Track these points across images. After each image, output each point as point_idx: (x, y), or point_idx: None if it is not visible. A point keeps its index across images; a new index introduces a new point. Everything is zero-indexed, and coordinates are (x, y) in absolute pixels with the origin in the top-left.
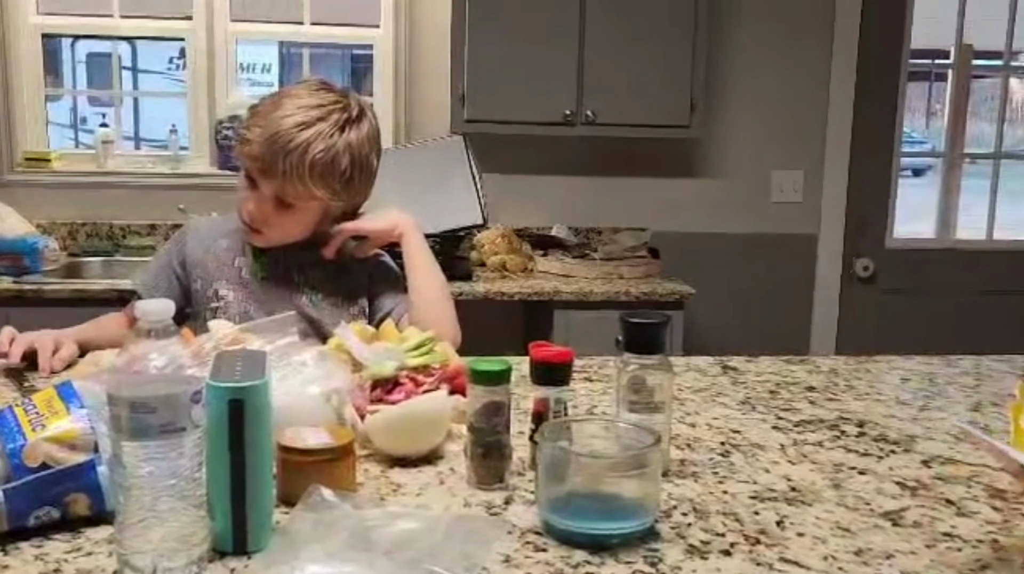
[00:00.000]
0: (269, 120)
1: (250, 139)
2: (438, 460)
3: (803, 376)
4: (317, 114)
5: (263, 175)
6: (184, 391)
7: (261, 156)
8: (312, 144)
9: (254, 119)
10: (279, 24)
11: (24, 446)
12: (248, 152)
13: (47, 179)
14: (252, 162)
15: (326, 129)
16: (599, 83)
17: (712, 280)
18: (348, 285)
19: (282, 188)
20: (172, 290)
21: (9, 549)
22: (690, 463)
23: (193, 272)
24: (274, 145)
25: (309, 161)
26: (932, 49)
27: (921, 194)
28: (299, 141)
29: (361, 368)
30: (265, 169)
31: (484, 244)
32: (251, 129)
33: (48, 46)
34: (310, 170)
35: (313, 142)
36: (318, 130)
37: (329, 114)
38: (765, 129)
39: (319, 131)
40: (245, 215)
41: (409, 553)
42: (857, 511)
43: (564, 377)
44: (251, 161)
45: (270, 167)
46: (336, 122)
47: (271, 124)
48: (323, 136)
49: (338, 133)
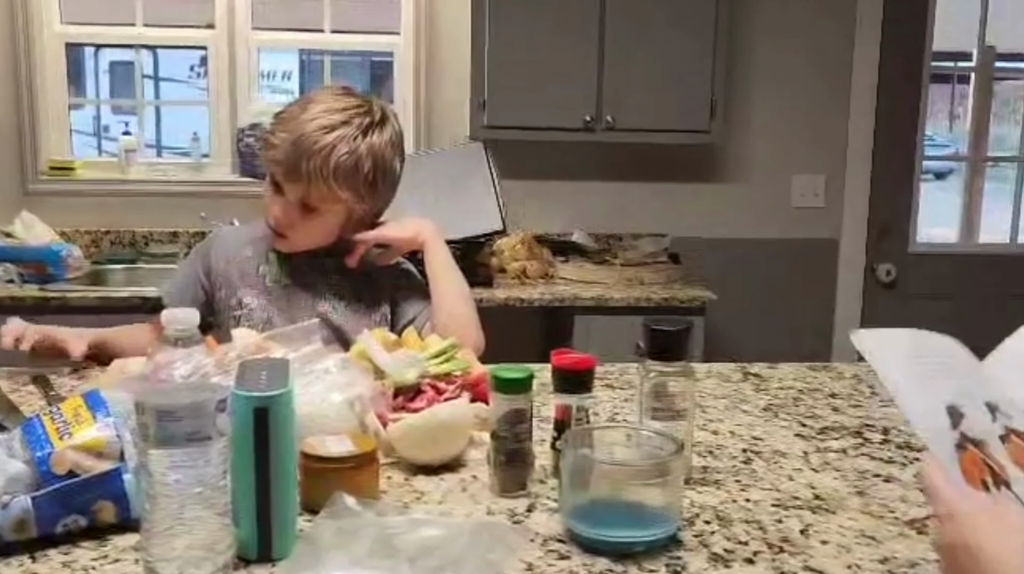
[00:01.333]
0: (293, 125)
1: (275, 144)
2: (460, 467)
3: (826, 383)
4: (341, 118)
5: (288, 179)
6: (210, 399)
7: (285, 160)
8: (336, 147)
9: (279, 124)
10: (300, 32)
11: (52, 454)
12: (272, 157)
13: (71, 187)
14: (277, 166)
15: (350, 132)
16: (619, 89)
17: (733, 286)
18: (371, 293)
19: (307, 191)
20: (198, 299)
21: (38, 556)
22: (712, 470)
23: (217, 281)
24: (298, 148)
25: (333, 164)
26: (954, 51)
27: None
28: (323, 144)
29: (383, 376)
30: (289, 173)
31: (504, 250)
32: (276, 134)
33: (71, 55)
34: (334, 173)
35: (337, 145)
36: (342, 133)
37: (352, 118)
38: (786, 133)
39: (343, 134)
40: (271, 219)
41: (433, 560)
42: (882, 519)
43: (586, 385)
44: (276, 165)
45: (294, 170)
46: (359, 126)
47: (295, 128)
48: (346, 139)
49: (361, 136)
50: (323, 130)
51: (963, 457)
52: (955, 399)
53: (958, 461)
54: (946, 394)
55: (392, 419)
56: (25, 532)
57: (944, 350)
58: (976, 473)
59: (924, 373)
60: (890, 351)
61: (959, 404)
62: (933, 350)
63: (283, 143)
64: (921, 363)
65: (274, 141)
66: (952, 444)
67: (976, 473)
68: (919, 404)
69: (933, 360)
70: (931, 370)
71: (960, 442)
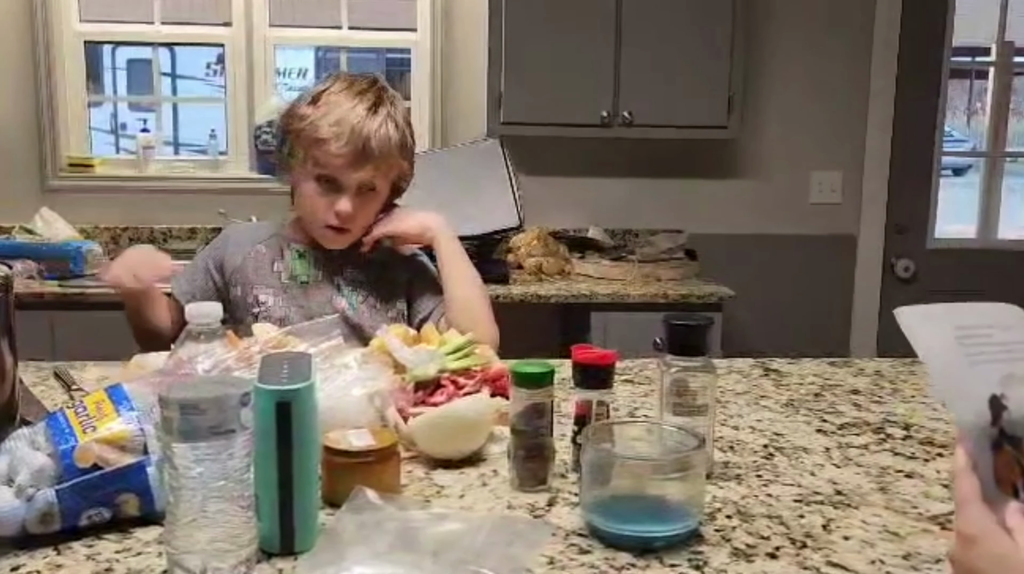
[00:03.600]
0: (332, 118)
1: (324, 138)
2: (481, 462)
3: (847, 378)
4: (372, 97)
5: (352, 167)
6: (233, 393)
7: (351, 149)
8: (385, 121)
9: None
10: (317, 29)
11: (76, 447)
12: (328, 152)
13: (90, 184)
14: (336, 159)
15: (385, 107)
16: (636, 84)
17: (751, 282)
18: (387, 287)
19: (372, 173)
20: (208, 295)
21: (62, 549)
22: (734, 466)
23: (232, 278)
24: (360, 133)
25: (391, 135)
26: (973, 47)
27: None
28: (376, 122)
29: (403, 370)
30: (356, 160)
31: (520, 247)
32: (318, 130)
33: (90, 53)
34: (396, 145)
35: (385, 120)
36: (385, 110)
37: (380, 97)
38: (803, 129)
39: (385, 111)
40: (333, 218)
41: (454, 554)
42: (905, 515)
43: (607, 380)
44: (335, 158)
45: (362, 154)
46: (389, 99)
47: (340, 120)
48: (388, 114)
49: (392, 106)
50: (369, 112)
51: (998, 458)
52: (1001, 387)
53: (992, 462)
54: (992, 381)
55: (412, 414)
56: (49, 525)
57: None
58: (1008, 476)
59: (972, 355)
60: (935, 330)
61: (1004, 394)
62: (988, 324)
63: (336, 136)
64: (970, 343)
65: (322, 135)
66: (989, 442)
67: (1008, 476)
68: (961, 393)
69: (985, 339)
70: (981, 351)
71: (997, 440)
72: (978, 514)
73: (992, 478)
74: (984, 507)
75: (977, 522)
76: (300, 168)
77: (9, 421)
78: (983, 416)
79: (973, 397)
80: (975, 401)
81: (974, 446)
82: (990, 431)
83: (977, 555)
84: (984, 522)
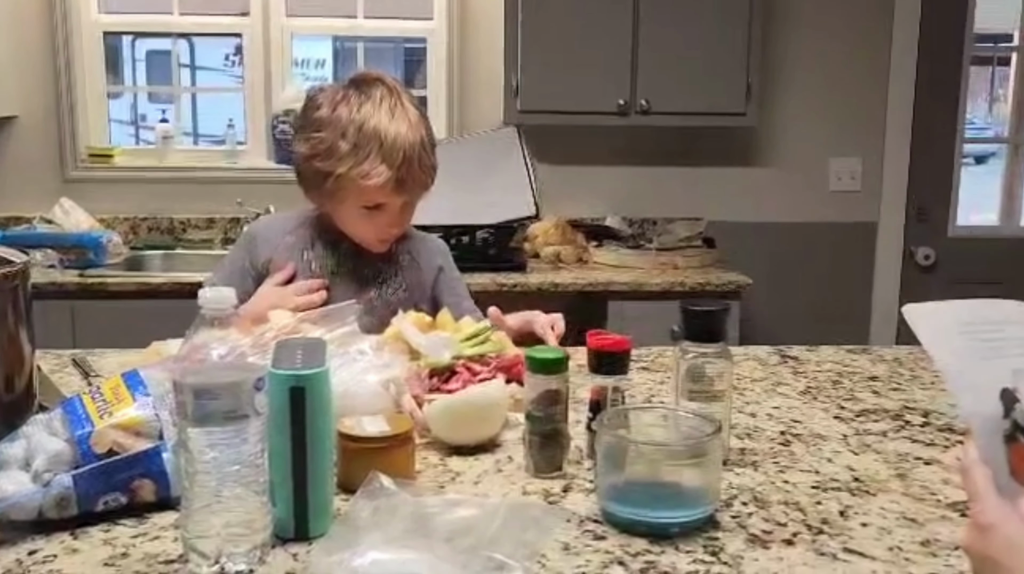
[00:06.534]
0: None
1: (368, 172)
2: (496, 448)
3: (866, 366)
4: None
5: (399, 190)
6: (247, 378)
7: (393, 178)
8: (417, 136)
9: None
10: (334, 19)
11: (92, 432)
12: (375, 185)
13: (109, 175)
14: (382, 188)
15: (411, 116)
16: (653, 72)
17: (769, 270)
18: (414, 282)
19: (415, 191)
20: (247, 290)
21: (78, 533)
22: (750, 452)
23: (266, 271)
24: (409, 163)
25: (427, 161)
26: (995, 33)
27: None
28: (412, 140)
29: (418, 357)
30: (400, 184)
31: (538, 235)
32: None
33: (109, 44)
34: (432, 168)
35: (419, 137)
36: (410, 122)
37: (397, 103)
38: (822, 116)
39: (411, 122)
40: (384, 237)
41: (468, 540)
42: (923, 502)
43: (622, 366)
44: (380, 189)
45: (405, 180)
46: (410, 100)
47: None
48: (414, 124)
49: (415, 110)
50: (405, 129)
51: (1012, 450)
52: (1014, 381)
53: (1006, 455)
54: (1004, 374)
55: (427, 400)
56: (66, 509)
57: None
58: (1023, 468)
59: (981, 350)
60: (942, 326)
61: (1017, 388)
62: (998, 320)
63: (375, 165)
64: (979, 338)
65: (367, 170)
66: (1001, 435)
67: (1023, 468)
68: (970, 386)
69: (995, 334)
70: (991, 346)
71: (1011, 432)
72: (994, 504)
73: (1006, 470)
74: (998, 497)
75: (993, 511)
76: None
77: (27, 407)
78: (995, 409)
79: (984, 391)
80: (986, 395)
81: (985, 439)
82: (1002, 424)
83: (991, 544)
84: (1000, 511)
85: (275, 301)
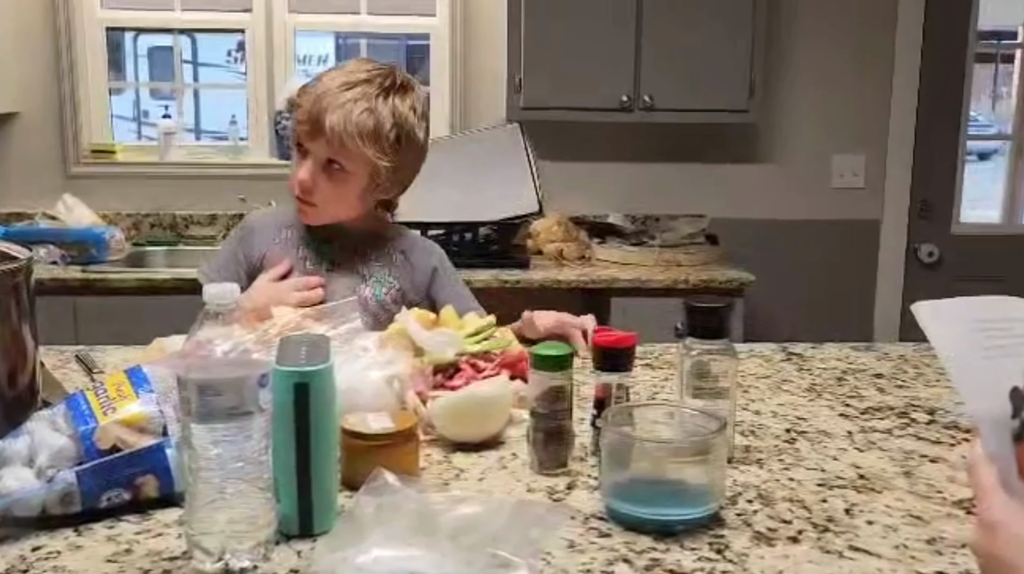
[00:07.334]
0: (318, 86)
1: (300, 103)
2: (500, 445)
3: (870, 363)
4: (363, 76)
5: (311, 136)
6: (251, 375)
7: (308, 117)
8: (357, 102)
9: (304, 93)
10: (336, 15)
11: (95, 428)
12: (298, 117)
13: (112, 171)
14: (301, 125)
15: (371, 91)
16: (656, 68)
17: (772, 267)
18: (411, 279)
19: (330, 146)
20: (240, 280)
21: (82, 530)
22: (755, 450)
23: (260, 264)
24: (320, 103)
25: (355, 118)
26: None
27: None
28: (343, 99)
29: (422, 354)
30: (312, 129)
31: (540, 232)
32: (302, 98)
33: (111, 40)
34: (357, 128)
35: (358, 100)
36: (363, 90)
37: (374, 78)
38: (826, 113)
39: (364, 91)
40: (296, 186)
41: (473, 537)
42: (929, 499)
43: (626, 363)
44: (300, 124)
45: (317, 125)
46: (380, 85)
47: (318, 88)
48: (367, 96)
49: (382, 96)
50: (344, 86)
51: (1021, 450)
52: (1023, 380)
53: (1015, 454)
54: (1014, 374)
55: (431, 397)
56: (69, 506)
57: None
58: None
59: (991, 349)
60: (951, 324)
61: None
62: (1008, 318)
63: (307, 102)
64: (988, 337)
65: (299, 101)
66: (1010, 435)
67: None
68: (979, 386)
69: (1005, 333)
70: (1000, 344)
71: (1019, 432)
72: (1001, 501)
73: (1015, 470)
74: (1006, 495)
75: (1000, 509)
76: None
77: (30, 403)
78: (1004, 409)
79: (993, 390)
80: (995, 394)
81: (993, 438)
82: (1011, 424)
83: (998, 542)
84: (1007, 509)
85: (272, 296)
